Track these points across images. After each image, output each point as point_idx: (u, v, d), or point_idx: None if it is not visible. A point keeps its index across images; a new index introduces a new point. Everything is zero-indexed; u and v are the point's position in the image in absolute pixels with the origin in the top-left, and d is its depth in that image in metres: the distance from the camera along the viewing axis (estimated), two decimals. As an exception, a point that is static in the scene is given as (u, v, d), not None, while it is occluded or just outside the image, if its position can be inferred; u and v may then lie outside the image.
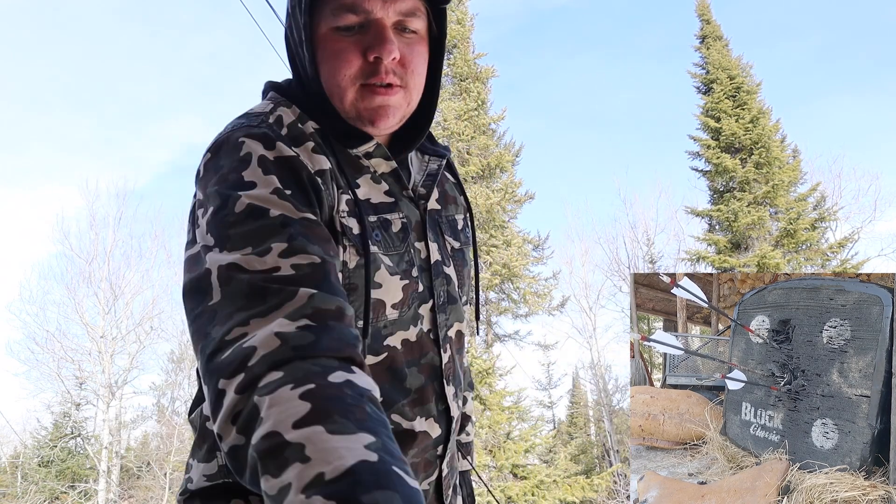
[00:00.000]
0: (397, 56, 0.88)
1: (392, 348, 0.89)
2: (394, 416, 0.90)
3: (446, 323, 0.97)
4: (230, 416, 0.64)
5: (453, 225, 1.04)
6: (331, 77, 0.89)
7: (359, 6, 0.86)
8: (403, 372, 0.90)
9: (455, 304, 0.99)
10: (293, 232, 0.75)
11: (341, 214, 0.85)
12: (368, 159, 0.93)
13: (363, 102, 0.89)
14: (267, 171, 0.80)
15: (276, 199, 0.77)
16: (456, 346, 1.00)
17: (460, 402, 1.00)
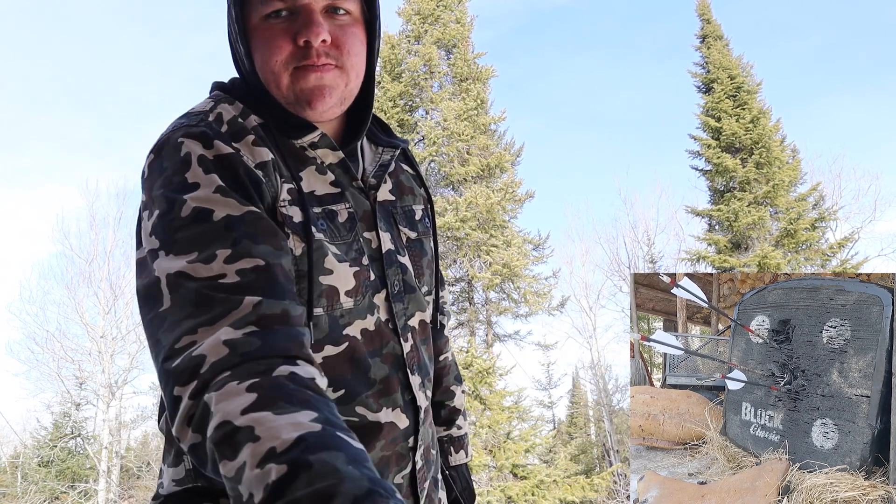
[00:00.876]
0: (327, 39, 0.88)
1: (352, 338, 0.89)
2: (358, 408, 0.90)
3: (405, 312, 0.96)
4: (185, 420, 0.68)
5: (409, 215, 1.03)
6: (265, 65, 0.89)
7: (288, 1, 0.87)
8: (367, 362, 0.90)
9: (413, 294, 0.98)
10: (237, 235, 0.76)
11: (281, 203, 0.85)
12: (314, 150, 0.92)
13: (298, 84, 0.89)
14: (207, 171, 0.80)
15: (219, 197, 0.78)
16: (420, 335, 0.99)
17: (427, 392, 1.00)
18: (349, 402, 0.89)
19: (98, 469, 18.31)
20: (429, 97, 15.03)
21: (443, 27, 15.46)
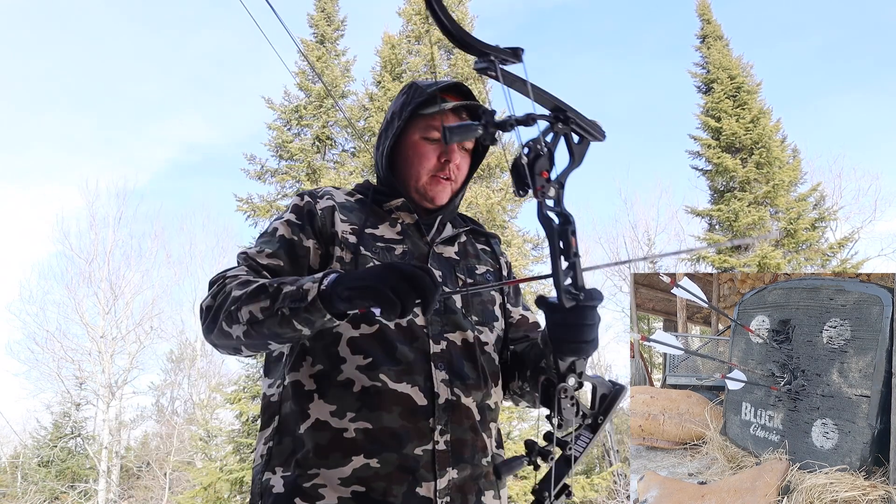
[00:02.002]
0: (457, 163, 1.42)
1: (385, 325, 1.25)
2: (381, 375, 1.21)
3: (440, 324, 1.29)
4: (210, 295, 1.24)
5: (470, 268, 1.44)
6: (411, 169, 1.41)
7: (439, 129, 1.37)
8: (394, 345, 1.23)
9: (453, 315, 1.32)
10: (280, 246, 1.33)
11: (343, 232, 1.33)
12: (397, 212, 1.42)
13: (431, 186, 1.41)
14: (289, 210, 1.40)
15: (283, 223, 1.36)
16: (461, 348, 1.30)
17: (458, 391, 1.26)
18: (374, 369, 1.21)
19: (98, 469, 18.31)
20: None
21: (443, 27, 15.45)
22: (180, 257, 23.64)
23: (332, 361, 1.24)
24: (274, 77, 47.16)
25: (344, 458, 1.18)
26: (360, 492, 1.17)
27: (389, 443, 1.19)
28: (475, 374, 1.30)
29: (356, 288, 1.03)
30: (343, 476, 1.17)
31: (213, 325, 1.19)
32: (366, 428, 1.19)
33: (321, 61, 15.52)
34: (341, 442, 1.19)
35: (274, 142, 15.23)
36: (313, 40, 16.18)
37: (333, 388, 1.23)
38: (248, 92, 39.68)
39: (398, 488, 1.17)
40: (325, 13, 16.46)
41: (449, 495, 1.20)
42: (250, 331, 1.13)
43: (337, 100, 14.86)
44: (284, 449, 1.24)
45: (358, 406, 1.21)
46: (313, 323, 1.09)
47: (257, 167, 15.16)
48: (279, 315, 1.10)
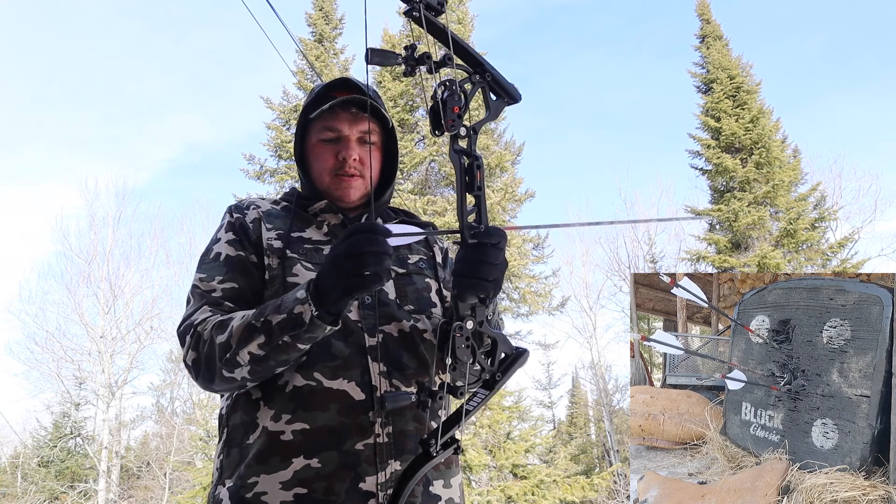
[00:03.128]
0: (356, 157, 1.41)
1: None
2: (315, 374, 1.22)
3: (376, 318, 1.29)
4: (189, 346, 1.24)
5: (402, 259, 1.42)
6: (313, 170, 1.43)
7: (334, 127, 1.40)
8: (329, 341, 1.23)
9: (387, 307, 1.31)
10: (228, 269, 1.33)
11: (267, 238, 1.35)
12: (322, 214, 1.42)
13: (336, 185, 1.41)
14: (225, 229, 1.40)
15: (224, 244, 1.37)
16: (398, 340, 1.29)
17: (397, 381, 1.26)
18: (309, 368, 1.22)
19: (98, 469, 18.30)
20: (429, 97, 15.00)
21: (443, 27, 15.45)
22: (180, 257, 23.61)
23: None
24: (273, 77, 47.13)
25: (283, 462, 1.18)
26: (302, 493, 1.17)
27: (328, 441, 1.19)
28: (415, 364, 1.29)
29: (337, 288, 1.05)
30: (284, 480, 1.17)
31: (211, 375, 1.19)
32: (303, 428, 1.20)
33: (320, 60, 15.51)
34: (279, 445, 1.19)
35: (273, 142, 15.22)
36: (311, 39, 16.18)
37: (273, 391, 1.23)
38: (247, 91, 39.68)
39: (340, 485, 1.17)
40: (323, 12, 16.45)
41: (393, 487, 1.17)
42: (255, 368, 1.15)
43: (337, 100, 14.83)
44: (232, 461, 1.24)
45: (293, 407, 1.21)
46: (316, 339, 1.13)
47: (256, 167, 15.17)
48: (280, 345, 1.12)
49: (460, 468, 1.37)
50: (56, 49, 36.03)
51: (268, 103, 15.56)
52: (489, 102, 1.21)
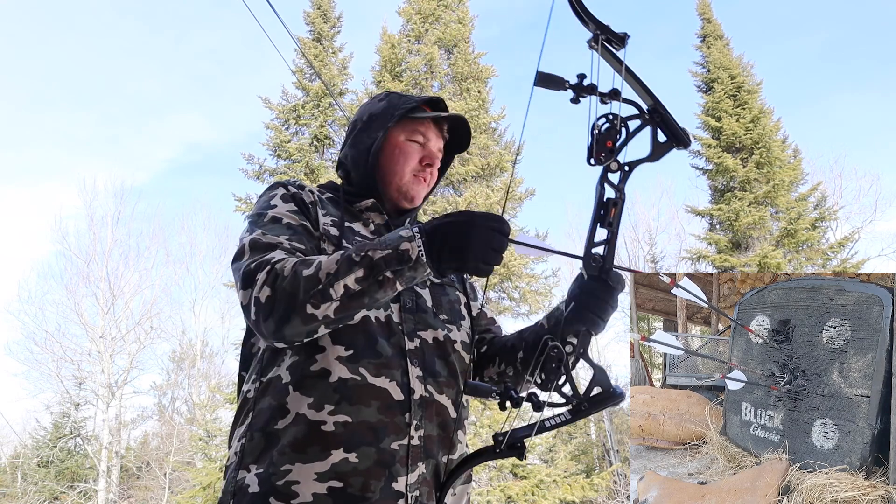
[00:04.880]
0: (436, 167, 1.53)
1: (367, 318, 1.25)
2: (361, 368, 1.22)
3: (414, 322, 1.32)
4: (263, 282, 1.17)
5: None
6: (395, 165, 1.47)
7: (426, 134, 1.50)
8: (375, 338, 1.25)
9: (424, 314, 1.35)
10: (293, 233, 1.29)
11: (324, 224, 1.35)
12: (367, 213, 1.46)
13: (413, 184, 1.48)
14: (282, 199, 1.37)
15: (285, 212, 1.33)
16: (433, 347, 1.32)
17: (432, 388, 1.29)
18: (355, 362, 1.22)
19: (98, 469, 18.30)
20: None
21: (443, 27, 15.45)
22: (180, 257, 23.63)
23: (308, 351, 1.23)
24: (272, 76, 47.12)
25: (323, 452, 1.16)
26: (338, 487, 1.15)
27: (368, 437, 1.19)
28: (446, 372, 1.33)
29: (449, 246, 1.11)
30: (321, 471, 1.15)
31: (289, 313, 1.12)
32: (345, 421, 1.18)
33: (318, 59, 15.51)
34: (320, 435, 1.17)
35: (272, 141, 15.22)
36: (310, 38, 16.17)
37: (309, 378, 1.21)
38: (247, 91, 39.66)
39: (376, 483, 1.17)
40: (322, 10, 16.45)
41: (418, 489, 1.21)
42: (345, 304, 1.12)
43: (335, 98, 14.84)
44: (257, 446, 1.21)
45: (337, 399, 1.19)
46: (415, 280, 1.16)
47: (255, 167, 15.16)
48: (380, 280, 1.12)
49: (472, 480, 1.40)
50: (56, 49, 36.02)
51: (266, 103, 15.55)
52: (655, 142, 1.19)
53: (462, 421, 1.35)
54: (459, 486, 1.33)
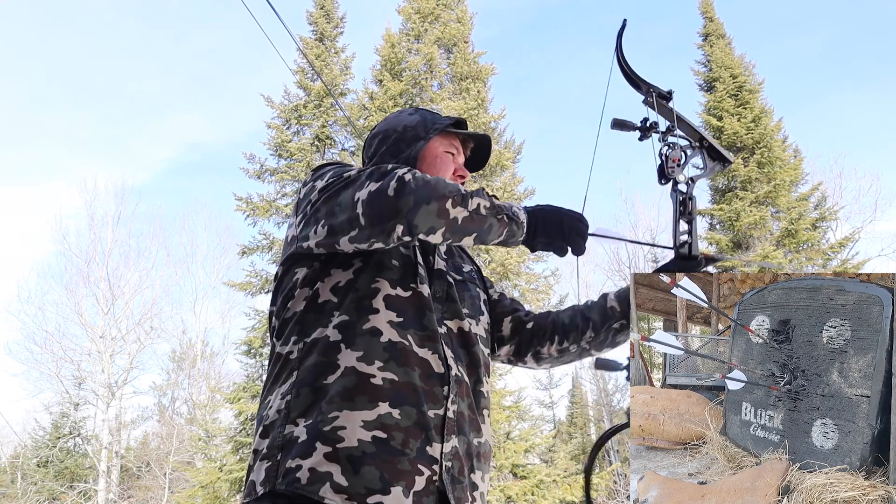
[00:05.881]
0: (467, 178, 1.60)
1: (419, 293, 1.36)
2: (408, 336, 1.30)
3: (443, 312, 1.40)
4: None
5: (457, 267, 1.55)
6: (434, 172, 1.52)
7: (459, 149, 1.61)
8: (424, 311, 1.34)
9: (452, 304, 1.42)
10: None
11: None
12: None
13: None
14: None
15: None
16: (456, 337, 1.39)
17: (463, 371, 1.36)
18: (404, 328, 1.30)
19: (98, 469, 18.30)
20: (429, 96, 15.02)
21: (443, 26, 15.45)
22: (181, 257, 23.61)
23: (361, 312, 1.30)
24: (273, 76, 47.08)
25: (370, 403, 1.22)
26: (382, 437, 1.20)
27: (412, 397, 1.25)
28: (467, 361, 1.40)
29: (545, 221, 1.35)
30: (367, 419, 1.21)
31: (432, 198, 1.22)
32: (392, 379, 1.25)
33: (320, 59, 15.50)
34: (368, 387, 1.23)
35: (273, 141, 15.21)
36: (312, 38, 16.17)
37: (359, 336, 1.28)
38: (247, 90, 39.67)
39: (414, 443, 1.22)
40: (325, 10, 16.44)
41: (451, 461, 1.26)
42: (471, 218, 1.26)
43: (336, 98, 14.84)
44: (304, 401, 1.25)
45: (386, 357, 1.27)
46: (512, 237, 1.33)
47: (256, 166, 15.15)
48: (498, 217, 1.29)
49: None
50: (56, 49, 36.02)
51: (268, 102, 15.55)
52: (706, 163, 1.66)
53: (482, 408, 1.41)
54: (486, 473, 1.41)
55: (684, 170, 1.57)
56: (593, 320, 1.66)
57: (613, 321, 1.70)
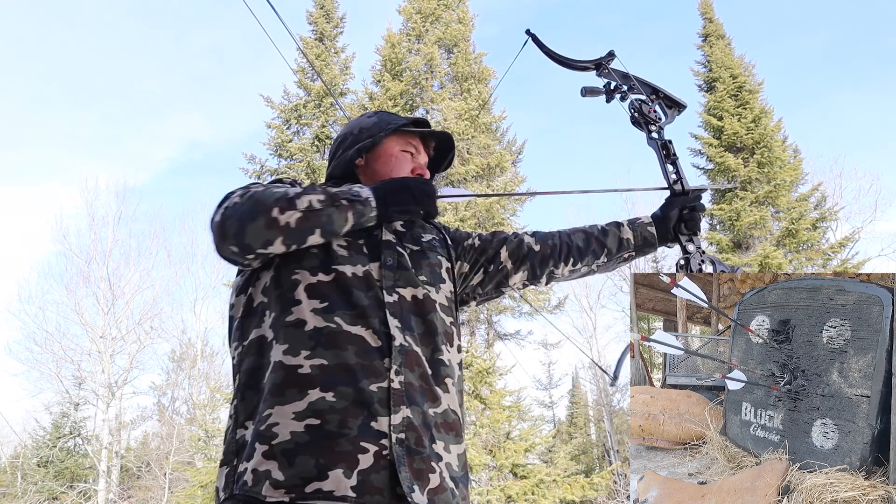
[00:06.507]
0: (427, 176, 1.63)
1: (341, 273, 1.34)
2: (336, 318, 1.29)
3: (394, 279, 1.39)
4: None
5: (416, 237, 1.53)
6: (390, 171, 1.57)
7: (418, 147, 1.64)
8: (350, 290, 1.33)
9: (405, 272, 1.42)
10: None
11: None
12: None
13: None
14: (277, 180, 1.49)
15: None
16: (410, 304, 1.39)
17: (411, 340, 1.34)
18: (330, 312, 1.29)
19: (98, 469, 18.30)
20: (429, 97, 15.03)
21: (444, 26, 15.44)
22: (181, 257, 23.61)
23: (285, 306, 1.31)
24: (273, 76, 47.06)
25: (300, 393, 1.22)
26: (314, 424, 1.20)
27: (345, 377, 1.24)
28: (422, 329, 1.38)
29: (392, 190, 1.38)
30: (297, 410, 1.21)
31: (254, 214, 1.25)
32: (322, 364, 1.25)
33: (320, 59, 15.50)
34: (296, 378, 1.24)
35: (273, 141, 15.21)
36: (312, 38, 16.16)
37: (284, 329, 1.29)
38: (247, 90, 39.68)
39: (353, 421, 1.21)
40: (325, 10, 16.44)
41: (404, 433, 1.24)
42: (306, 217, 1.27)
43: (336, 98, 14.84)
44: (248, 403, 1.28)
45: (312, 345, 1.26)
46: (362, 216, 1.34)
47: (256, 166, 15.16)
48: (336, 205, 1.30)
49: (464, 442, 1.40)
50: (56, 49, 36.02)
51: (268, 102, 15.56)
52: (665, 112, 1.84)
53: (444, 377, 1.38)
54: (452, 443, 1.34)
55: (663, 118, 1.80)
56: (608, 247, 1.73)
57: (625, 252, 1.77)
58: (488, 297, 1.73)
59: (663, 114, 1.80)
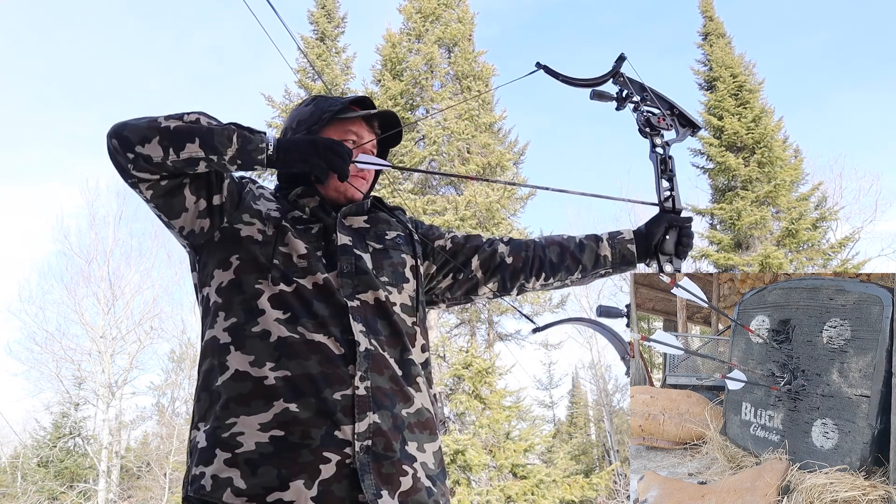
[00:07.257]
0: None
1: (302, 284, 1.34)
2: (299, 328, 1.29)
3: (353, 286, 1.38)
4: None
5: (380, 235, 1.52)
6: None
7: (359, 133, 1.56)
8: (311, 301, 1.33)
9: (365, 276, 1.40)
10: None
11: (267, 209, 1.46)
12: (301, 199, 1.51)
13: (349, 185, 1.52)
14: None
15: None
16: (373, 308, 1.37)
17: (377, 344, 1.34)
18: (293, 322, 1.30)
19: (98, 469, 18.30)
20: (429, 96, 15.02)
21: (444, 26, 15.44)
22: (181, 257, 23.58)
23: (248, 314, 1.32)
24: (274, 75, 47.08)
25: (265, 405, 1.24)
26: (279, 436, 1.22)
27: (308, 388, 1.25)
28: (388, 331, 1.38)
29: (297, 141, 1.37)
30: (263, 421, 1.23)
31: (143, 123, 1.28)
32: (286, 375, 1.26)
33: (321, 59, 15.50)
34: (263, 389, 1.25)
35: (274, 141, 15.20)
36: (313, 37, 16.16)
37: (249, 339, 1.30)
38: (248, 90, 39.68)
39: (316, 431, 1.23)
40: (326, 10, 16.44)
41: (370, 439, 1.25)
42: (187, 125, 1.28)
43: (337, 99, 14.83)
44: (203, 405, 1.31)
45: (277, 356, 1.27)
46: (250, 144, 1.31)
47: (257, 166, 15.13)
48: (225, 127, 1.29)
49: (439, 439, 1.42)
50: (56, 49, 36.02)
51: (269, 101, 15.56)
52: (678, 130, 1.77)
53: (414, 377, 1.38)
54: (427, 442, 1.35)
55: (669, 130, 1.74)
56: (583, 264, 1.67)
57: (602, 269, 1.70)
58: (457, 303, 1.71)
59: (675, 131, 1.76)
